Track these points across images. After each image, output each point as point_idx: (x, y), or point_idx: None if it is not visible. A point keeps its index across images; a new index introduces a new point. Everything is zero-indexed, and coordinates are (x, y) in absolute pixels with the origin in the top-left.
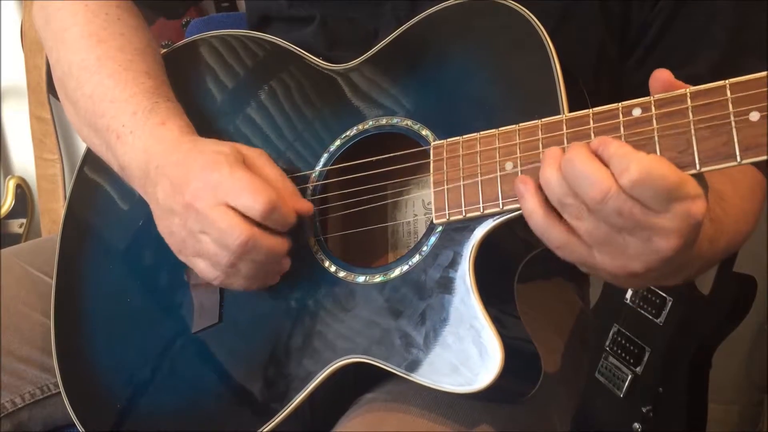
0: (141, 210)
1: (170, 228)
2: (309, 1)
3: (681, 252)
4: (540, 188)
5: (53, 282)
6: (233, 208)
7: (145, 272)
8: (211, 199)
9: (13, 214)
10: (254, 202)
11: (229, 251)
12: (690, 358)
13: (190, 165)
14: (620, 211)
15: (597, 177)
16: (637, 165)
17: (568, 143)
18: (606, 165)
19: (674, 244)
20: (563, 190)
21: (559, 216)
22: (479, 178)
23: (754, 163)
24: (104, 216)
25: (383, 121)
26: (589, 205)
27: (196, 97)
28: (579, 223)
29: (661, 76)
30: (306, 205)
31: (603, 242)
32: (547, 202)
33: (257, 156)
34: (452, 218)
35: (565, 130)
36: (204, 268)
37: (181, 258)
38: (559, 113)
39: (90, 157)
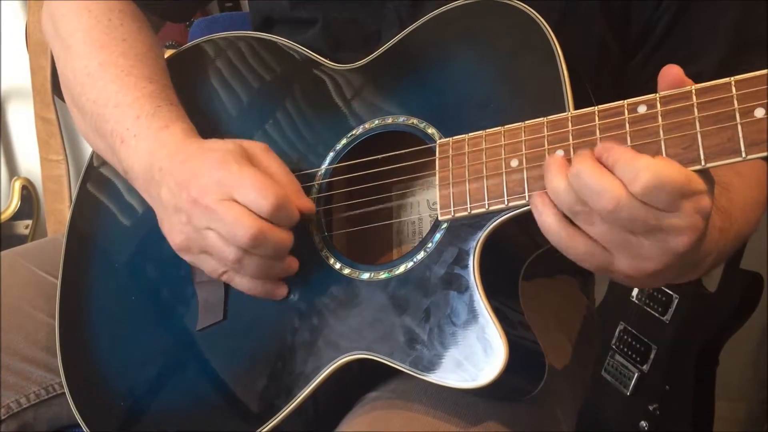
0: (146, 211)
1: (174, 227)
2: (312, 2)
3: (694, 247)
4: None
5: (58, 282)
6: (240, 204)
7: (150, 272)
8: (217, 194)
9: (19, 215)
10: (263, 199)
11: (236, 245)
12: (697, 355)
13: (196, 163)
14: (633, 217)
15: (606, 187)
16: (647, 171)
17: (573, 140)
18: (611, 170)
19: (688, 241)
20: (572, 198)
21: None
22: (484, 175)
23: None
24: (109, 217)
25: (389, 120)
26: (601, 215)
27: (203, 98)
28: (591, 228)
29: (671, 71)
30: (309, 204)
31: (619, 246)
32: (563, 214)
33: (262, 151)
34: (457, 215)
35: (570, 128)
36: (210, 264)
37: (186, 257)
38: (564, 111)
39: (96, 158)
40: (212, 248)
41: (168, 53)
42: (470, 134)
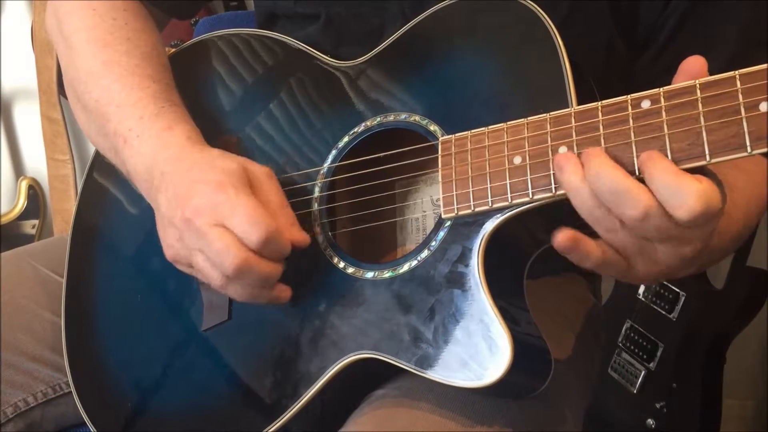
0: (150, 210)
1: (166, 239)
2: None
3: (700, 253)
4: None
5: (64, 281)
6: (231, 231)
7: (155, 271)
8: (210, 218)
9: (25, 214)
10: (253, 232)
11: (221, 272)
12: (704, 353)
13: (195, 179)
14: (659, 228)
15: (635, 195)
16: (697, 200)
17: (577, 137)
18: (647, 183)
19: (698, 248)
20: (594, 202)
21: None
22: (488, 172)
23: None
24: (114, 216)
25: (391, 117)
26: (625, 222)
27: (205, 96)
28: (611, 235)
29: (696, 63)
30: (303, 237)
31: (636, 252)
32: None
33: (263, 177)
34: (461, 213)
35: (573, 123)
36: (200, 277)
37: (177, 266)
38: (567, 107)
39: (100, 157)
40: (200, 269)
41: (172, 52)
42: (473, 131)
